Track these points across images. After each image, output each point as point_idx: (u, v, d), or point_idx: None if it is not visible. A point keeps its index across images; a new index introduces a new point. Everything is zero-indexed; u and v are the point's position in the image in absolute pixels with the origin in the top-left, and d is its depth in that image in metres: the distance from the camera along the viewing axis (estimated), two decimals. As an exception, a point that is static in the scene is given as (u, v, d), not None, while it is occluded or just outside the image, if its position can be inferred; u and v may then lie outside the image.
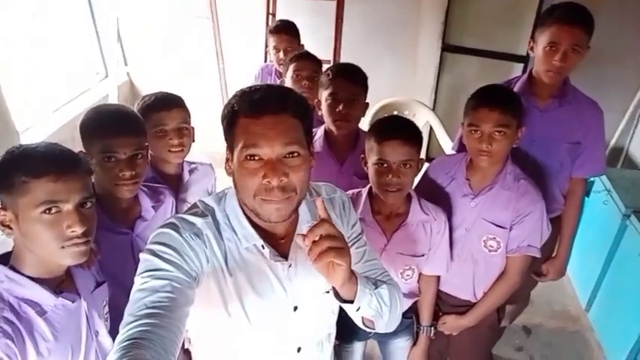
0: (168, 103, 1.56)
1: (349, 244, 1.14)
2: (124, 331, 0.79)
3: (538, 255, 1.57)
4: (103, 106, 1.45)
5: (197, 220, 0.97)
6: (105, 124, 1.31)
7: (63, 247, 0.99)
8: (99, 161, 1.27)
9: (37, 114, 3.19)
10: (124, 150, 1.29)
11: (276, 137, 0.90)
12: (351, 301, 0.97)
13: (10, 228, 1.00)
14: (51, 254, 1.00)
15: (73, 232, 0.99)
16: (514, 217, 1.53)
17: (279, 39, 2.54)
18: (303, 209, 1.04)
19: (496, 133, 1.44)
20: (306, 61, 2.11)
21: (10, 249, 1.06)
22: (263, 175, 0.91)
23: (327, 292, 1.08)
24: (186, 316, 0.87)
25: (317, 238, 0.84)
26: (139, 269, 0.90)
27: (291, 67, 2.10)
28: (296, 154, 0.93)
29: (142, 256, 0.92)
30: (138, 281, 0.88)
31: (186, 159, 1.70)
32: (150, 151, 1.46)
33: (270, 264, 1.01)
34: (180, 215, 0.99)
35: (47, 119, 3.24)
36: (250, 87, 0.97)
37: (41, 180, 0.96)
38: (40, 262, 1.02)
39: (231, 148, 0.96)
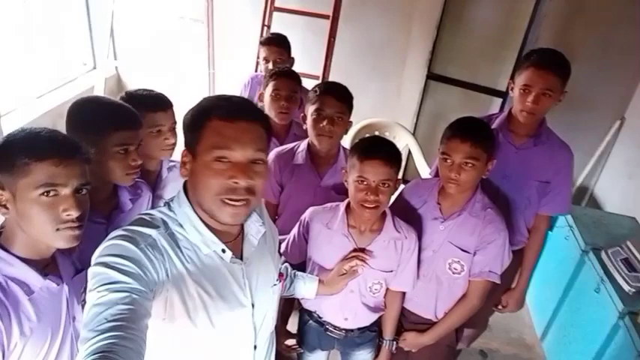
0: (164, 104, 1.60)
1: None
2: (86, 347, 0.76)
3: (498, 281, 1.65)
4: (103, 98, 1.46)
5: (151, 232, 0.95)
6: (122, 117, 1.33)
7: (58, 230, 1.01)
8: (112, 153, 1.29)
9: (20, 99, 3.17)
10: (136, 142, 1.34)
11: (249, 142, 0.95)
12: None
13: (6, 208, 1.02)
14: (45, 235, 1.02)
15: (68, 215, 1.01)
16: (478, 243, 1.61)
17: (269, 50, 2.59)
18: None
19: (465, 164, 1.52)
20: (285, 79, 2.06)
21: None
22: (230, 176, 0.94)
23: (274, 284, 1.18)
24: (147, 328, 0.85)
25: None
26: (92, 284, 0.86)
27: (271, 85, 2.06)
28: (261, 161, 0.98)
29: (94, 269, 0.88)
30: (93, 296, 0.84)
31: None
32: None
33: (228, 267, 1.03)
34: (130, 227, 0.95)
35: (30, 105, 3.21)
36: (224, 95, 1.02)
37: (43, 163, 0.98)
38: (30, 242, 1.04)
39: (193, 148, 0.97)
